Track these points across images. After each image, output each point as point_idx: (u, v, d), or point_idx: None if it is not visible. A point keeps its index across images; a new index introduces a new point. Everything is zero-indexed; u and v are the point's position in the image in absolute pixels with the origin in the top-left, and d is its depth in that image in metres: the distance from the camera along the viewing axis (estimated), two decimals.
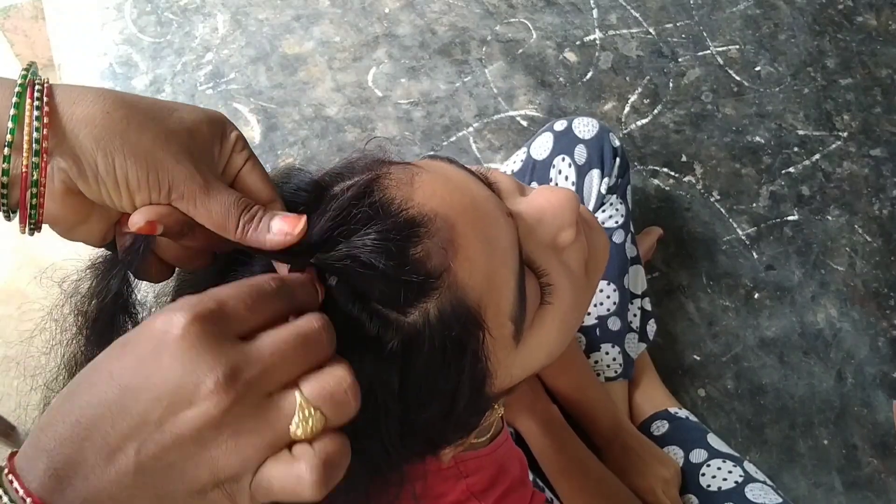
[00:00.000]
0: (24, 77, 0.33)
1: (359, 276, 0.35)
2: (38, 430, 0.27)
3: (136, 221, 0.34)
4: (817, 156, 1.27)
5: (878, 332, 1.14)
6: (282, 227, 0.35)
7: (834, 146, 1.29)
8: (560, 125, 0.91)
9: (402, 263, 0.35)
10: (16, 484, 0.26)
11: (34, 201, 0.33)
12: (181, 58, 1.25)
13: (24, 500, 0.26)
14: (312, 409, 0.29)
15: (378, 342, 0.35)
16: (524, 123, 1.24)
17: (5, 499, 0.26)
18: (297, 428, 0.28)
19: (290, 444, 0.29)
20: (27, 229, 0.34)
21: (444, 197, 0.38)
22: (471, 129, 1.23)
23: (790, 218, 1.22)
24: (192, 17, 1.28)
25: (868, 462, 1.05)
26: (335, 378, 0.30)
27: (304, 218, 0.35)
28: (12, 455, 0.28)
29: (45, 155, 0.32)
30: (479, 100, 1.26)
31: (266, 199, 0.38)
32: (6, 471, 0.27)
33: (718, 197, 1.22)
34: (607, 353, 0.91)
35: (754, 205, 1.22)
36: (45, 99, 0.32)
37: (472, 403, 0.39)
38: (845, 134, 1.30)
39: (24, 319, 0.37)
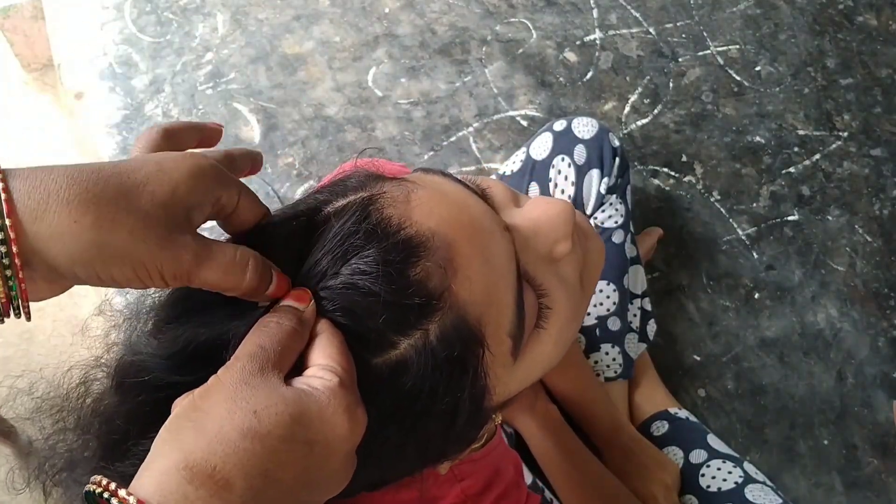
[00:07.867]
0: None
1: (360, 304, 0.34)
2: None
3: None
4: (817, 156, 1.27)
5: (879, 332, 1.14)
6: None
7: (834, 146, 1.28)
8: (559, 125, 0.91)
9: (403, 287, 0.34)
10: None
11: (18, 310, 0.32)
12: (181, 58, 1.24)
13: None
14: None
15: (379, 365, 0.35)
16: (524, 123, 1.24)
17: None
18: None
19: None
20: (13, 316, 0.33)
21: (441, 215, 0.37)
22: (471, 128, 1.23)
23: (790, 218, 1.22)
24: (191, 17, 1.28)
25: (868, 462, 1.05)
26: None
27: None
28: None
29: (20, 275, 0.30)
30: (479, 100, 1.25)
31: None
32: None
33: (718, 197, 1.22)
34: (607, 354, 0.91)
35: (754, 205, 1.22)
36: (7, 221, 0.29)
37: (472, 418, 0.39)
38: (845, 134, 1.30)
39: (23, 320, 0.36)
